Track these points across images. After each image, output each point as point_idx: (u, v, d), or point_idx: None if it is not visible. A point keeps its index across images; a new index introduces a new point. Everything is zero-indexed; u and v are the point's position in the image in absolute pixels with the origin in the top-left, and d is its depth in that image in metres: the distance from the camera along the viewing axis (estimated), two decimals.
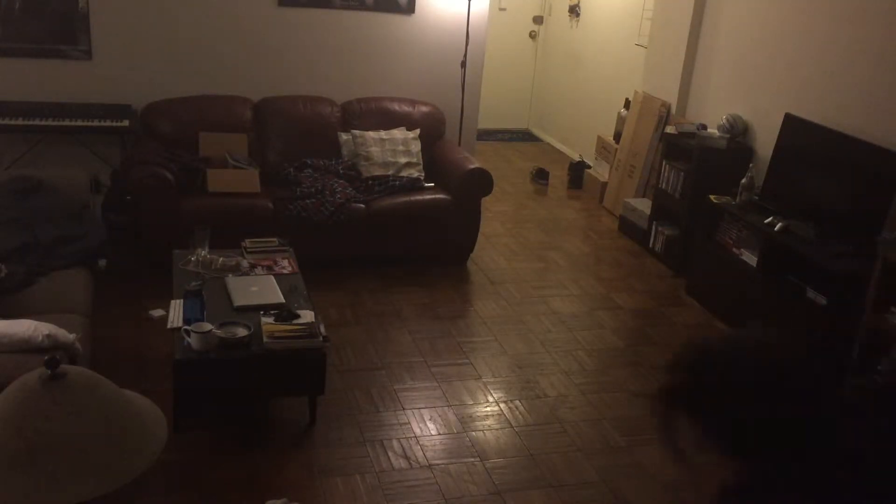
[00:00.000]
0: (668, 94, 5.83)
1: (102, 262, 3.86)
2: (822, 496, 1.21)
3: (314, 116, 5.24)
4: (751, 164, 4.79)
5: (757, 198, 4.63)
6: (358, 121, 5.31)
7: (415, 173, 5.13)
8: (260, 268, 3.77)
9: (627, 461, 3.33)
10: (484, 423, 3.53)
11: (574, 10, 7.88)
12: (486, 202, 5.18)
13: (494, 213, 6.00)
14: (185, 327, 3.09)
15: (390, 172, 5.07)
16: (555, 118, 8.47)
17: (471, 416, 3.56)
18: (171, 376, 3.10)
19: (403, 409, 3.57)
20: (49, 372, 1.36)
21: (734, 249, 4.67)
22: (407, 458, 3.23)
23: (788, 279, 4.28)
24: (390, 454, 3.25)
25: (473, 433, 3.45)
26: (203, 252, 3.74)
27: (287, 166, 5.03)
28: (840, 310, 3.93)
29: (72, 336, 2.93)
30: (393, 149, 5.14)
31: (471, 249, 5.21)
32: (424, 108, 5.50)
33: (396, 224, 4.90)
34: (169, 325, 3.29)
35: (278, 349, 3.13)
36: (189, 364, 3.05)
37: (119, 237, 4.67)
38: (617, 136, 6.52)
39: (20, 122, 4.71)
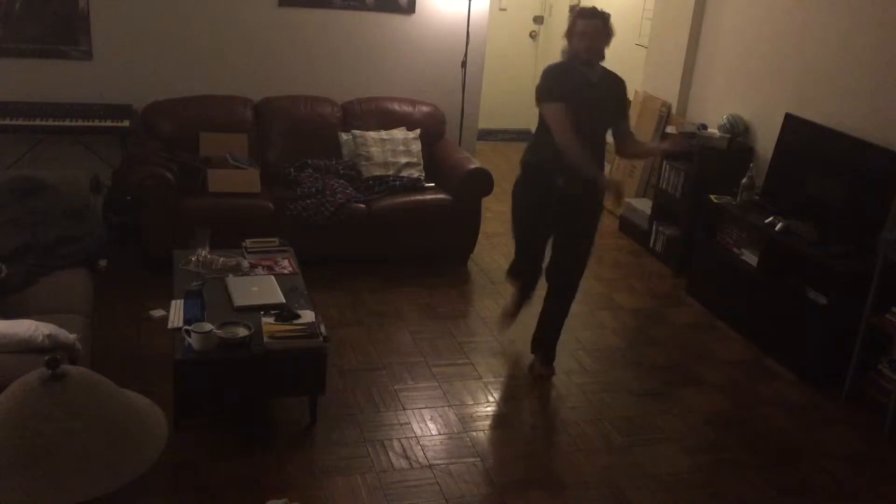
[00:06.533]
0: (669, 94, 5.83)
1: (102, 262, 3.85)
2: None
3: (314, 116, 5.24)
4: (751, 164, 4.79)
5: (757, 198, 4.63)
6: (358, 121, 5.31)
7: (415, 173, 5.13)
8: (260, 268, 3.77)
9: (627, 461, 3.33)
10: (484, 423, 3.53)
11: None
12: (487, 202, 5.17)
13: (494, 213, 5.98)
14: (186, 327, 3.09)
15: (391, 172, 5.07)
16: None
17: (471, 416, 3.56)
18: (171, 376, 3.10)
19: (404, 409, 3.57)
20: (49, 372, 1.36)
21: (734, 249, 4.67)
22: (407, 458, 3.23)
23: (788, 279, 4.28)
24: (391, 454, 3.24)
25: (474, 433, 3.44)
26: (203, 252, 3.73)
27: (287, 166, 5.03)
28: (840, 310, 3.93)
29: (72, 336, 2.92)
30: (393, 149, 5.14)
31: (471, 249, 5.20)
32: (425, 108, 5.50)
33: (397, 224, 4.90)
34: (169, 325, 3.29)
35: (278, 349, 3.13)
36: (189, 364, 3.05)
37: (119, 237, 4.67)
38: None
39: (20, 122, 4.70)
